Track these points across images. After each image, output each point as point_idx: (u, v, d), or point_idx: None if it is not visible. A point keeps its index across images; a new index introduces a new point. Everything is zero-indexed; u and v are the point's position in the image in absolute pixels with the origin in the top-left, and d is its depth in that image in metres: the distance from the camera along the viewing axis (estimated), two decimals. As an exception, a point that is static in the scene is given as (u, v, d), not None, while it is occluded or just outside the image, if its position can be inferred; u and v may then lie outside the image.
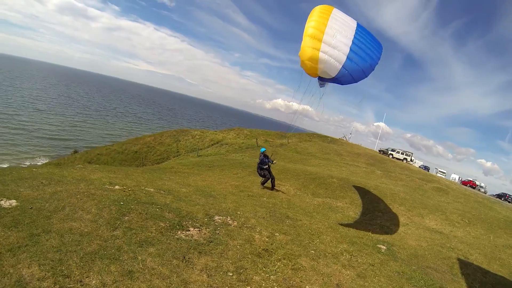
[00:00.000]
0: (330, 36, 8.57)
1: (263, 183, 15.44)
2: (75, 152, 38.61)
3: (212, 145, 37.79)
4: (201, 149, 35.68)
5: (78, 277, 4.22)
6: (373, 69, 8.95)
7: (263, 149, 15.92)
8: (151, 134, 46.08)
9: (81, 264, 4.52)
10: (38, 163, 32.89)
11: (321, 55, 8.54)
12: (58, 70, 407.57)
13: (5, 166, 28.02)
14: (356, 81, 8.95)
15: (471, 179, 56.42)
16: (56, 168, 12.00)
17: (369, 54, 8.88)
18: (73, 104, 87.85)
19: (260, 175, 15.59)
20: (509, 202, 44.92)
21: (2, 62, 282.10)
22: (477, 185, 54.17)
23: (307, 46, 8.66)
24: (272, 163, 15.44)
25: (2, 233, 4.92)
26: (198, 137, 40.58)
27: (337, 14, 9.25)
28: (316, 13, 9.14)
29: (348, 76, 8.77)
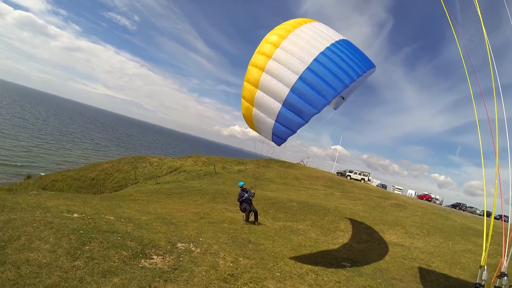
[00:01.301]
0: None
1: (246, 220, 14.27)
2: (28, 177, 35.81)
3: (170, 172, 36.85)
4: (159, 176, 34.62)
5: (37, 311, 3.88)
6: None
7: (241, 183, 14.94)
8: (109, 160, 44.12)
9: (40, 297, 4.17)
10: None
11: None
12: (13, 88, 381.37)
13: None
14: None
15: (426, 193, 59.60)
16: (9, 194, 11.11)
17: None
18: (27, 126, 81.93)
19: (241, 210, 14.62)
20: (463, 210, 47.70)
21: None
22: (433, 198, 57.33)
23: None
24: (252, 196, 14.41)
25: (-50, 265, 4.45)
26: (156, 164, 39.44)
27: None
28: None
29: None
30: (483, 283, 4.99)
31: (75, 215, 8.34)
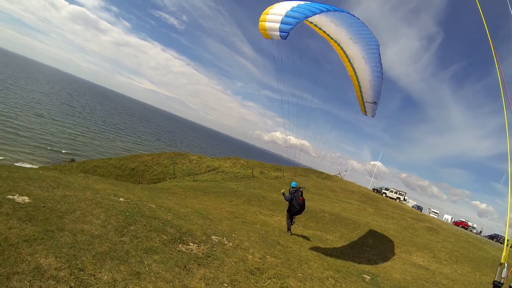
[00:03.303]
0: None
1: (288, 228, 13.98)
2: (72, 160, 39.01)
3: (209, 171, 38.27)
4: (197, 174, 36.12)
5: (91, 271, 4.70)
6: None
7: (294, 184, 13.89)
8: (149, 153, 46.60)
9: (94, 261, 5.00)
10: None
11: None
12: (63, 76, 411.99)
13: None
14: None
15: (463, 220, 57.52)
16: (62, 174, 12.51)
17: None
18: (74, 114, 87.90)
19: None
20: (501, 243, 45.24)
21: (11, 60, 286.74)
22: (469, 226, 55.02)
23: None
24: (287, 199, 13.54)
25: (17, 225, 5.39)
26: (195, 162, 41.11)
27: None
28: None
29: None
30: (502, 281, 5.21)
31: (121, 199, 9.40)
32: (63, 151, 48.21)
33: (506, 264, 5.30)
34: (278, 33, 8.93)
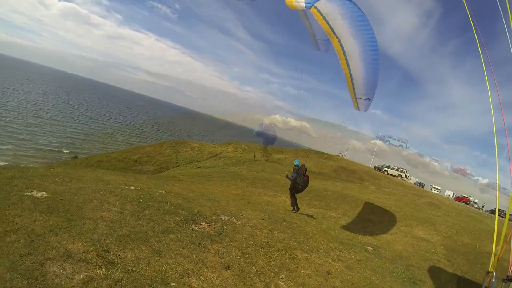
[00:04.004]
0: None
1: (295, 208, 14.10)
2: (75, 157, 39.42)
3: (211, 157, 38.75)
4: (200, 161, 36.59)
5: (116, 252, 5.13)
6: None
7: (297, 162, 14.04)
8: (151, 144, 46.93)
9: (117, 243, 5.43)
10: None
11: None
12: (59, 75, 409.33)
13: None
14: None
15: (465, 195, 58.50)
16: (72, 169, 12.93)
17: None
18: (73, 112, 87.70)
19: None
20: (502, 217, 45.99)
21: (5, 63, 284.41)
22: (471, 201, 55.96)
23: None
24: (291, 178, 13.70)
25: (41, 218, 5.76)
26: (197, 149, 41.54)
27: None
28: None
29: None
30: None
31: (132, 187, 9.81)
32: (65, 151, 48.40)
33: (494, 274, 4.70)
34: (304, 4, 9.39)
